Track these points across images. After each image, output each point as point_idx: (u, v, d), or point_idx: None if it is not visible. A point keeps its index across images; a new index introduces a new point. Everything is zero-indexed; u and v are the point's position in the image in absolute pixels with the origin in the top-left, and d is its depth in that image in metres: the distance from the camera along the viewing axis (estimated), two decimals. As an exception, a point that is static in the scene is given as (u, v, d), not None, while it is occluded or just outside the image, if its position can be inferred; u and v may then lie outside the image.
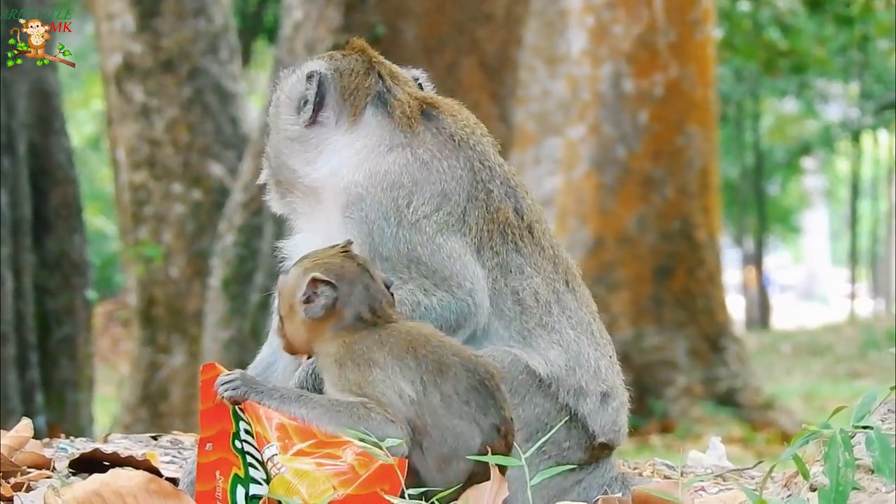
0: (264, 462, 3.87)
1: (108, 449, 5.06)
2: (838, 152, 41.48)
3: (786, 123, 41.90)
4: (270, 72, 15.95)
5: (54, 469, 4.84)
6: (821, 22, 29.17)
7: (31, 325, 12.29)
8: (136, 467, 4.62)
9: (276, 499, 3.80)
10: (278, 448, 3.83)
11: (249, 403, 3.91)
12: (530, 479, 3.97)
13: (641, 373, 18.24)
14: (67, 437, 5.87)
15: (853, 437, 3.62)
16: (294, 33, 13.36)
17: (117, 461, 4.81)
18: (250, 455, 3.94)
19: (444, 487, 3.91)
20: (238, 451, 3.95)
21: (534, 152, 20.29)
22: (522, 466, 3.94)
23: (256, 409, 3.89)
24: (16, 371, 11.67)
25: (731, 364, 19.02)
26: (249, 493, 3.93)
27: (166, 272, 16.86)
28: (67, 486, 4.12)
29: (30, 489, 4.44)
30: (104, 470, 4.40)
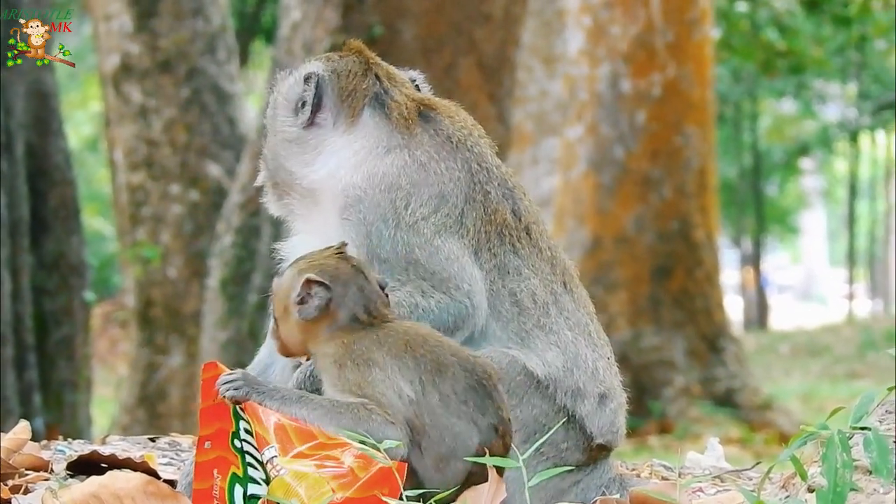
0: (264, 463, 3.87)
1: (105, 451, 5.06)
2: (836, 153, 41.49)
3: (784, 124, 41.92)
4: (268, 72, 15.95)
5: (52, 471, 4.84)
6: (819, 22, 29.18)
7: (29, 327, 12.28)
8: (134, 469, 4.62)
9: (275, 501, 3.80)
10: (278, 449, 3.83)
11: (250, 404, 3.91)
12: (528, 481, 3.97)
13: (639, 373, 18.25)
14: (65, 439, 5.87)
15: (851, 438, 3.63)
16: (292, 34, 13.36)
17: (115, 463, 4.81)
18: (250, 455, 3.93)
19: (442, 487, 3.91)
20: (237, 451, 3.95)
21: (531, 153, 20.29)
22: (520, 467, 3.94)
23: (256, 409, 3.90)
24: (14, 372, 11.66)
25: (729, 365, 19.02)
26: (248, 493, 3.92)
27: (164, 273, 16.86)
28: (65, 489, 4.12)
29: (28, 491, 4.44)
30: (102, 472, 4.40)
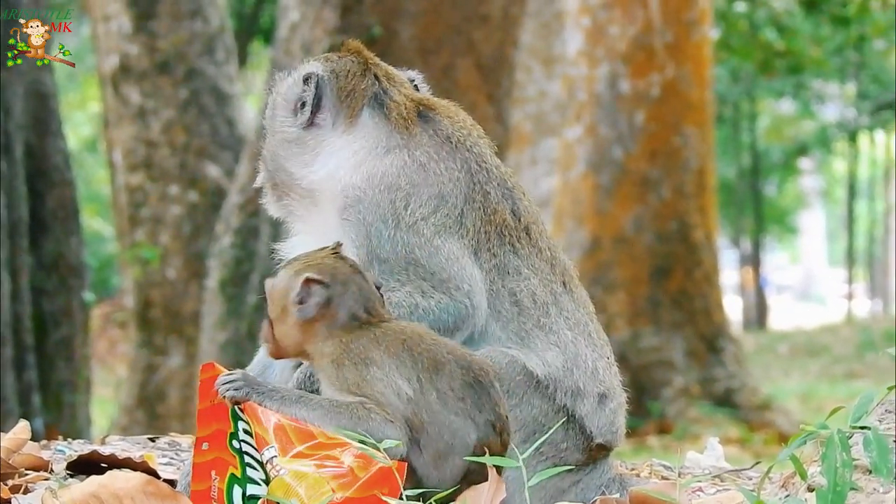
0: (264, 463, 3.87)
1: (105, 451, 5.06)
2: (835, 153, 41.52)
3: (782, 124, 41.94)
4: (267, 73, 15.95)
5: (52, 471, 4.84)
6: (817, 22, 29.20)
7: (29, 327, 12.27)
8: (134, 469, 4.62)
9: (275, 500, 3.80)
10: (277, 450, 3.83)
11: (249, 404, 3.91)
12: (528, 480, 3.97)
13: (639, 373, 18.25)
14: (65, 439, 5.87)
15: (851, 438, 3.63)
16: (290, 34, 13.36)
17: (115, 463, 4.81)
18: (248, 455, 3.93)
19: (440, 484, 3.91)
20: (235, 451, 3.95)
21: (530, 153, 20.30)
22: (520, 467, 3.94)
23: (256, 410, 3.90)
24: (13, 373, 11.65)
25: (728, 365, 19.02)
26: (247, 494, 3.92)
27: (163, 274, 16.86)
28: (65, 488, 4.12)
29: (27, 491, 4.44)
30: (102, 472, 4.40)
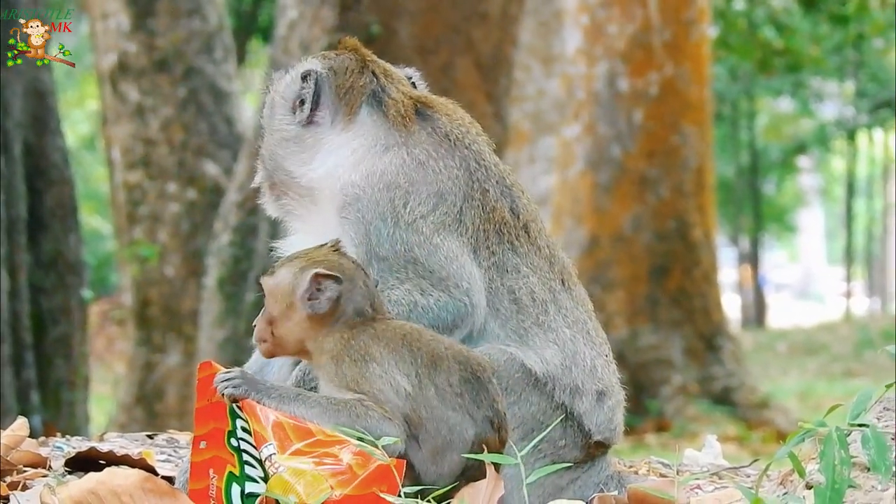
0: (262, 461, 3.87)
1: (103, 448, 5.06)
2: (833, 151, 41.54)
3: (781, 122, 41.95)
4: (265, 72, 15.94)
5: (50, 468, 4.83)
6: (816, 21, 29.21)
7: (27, 325, 12.27)
8: (132, 466, 4.62)
9: (274, 498, 3.80)
10: (276, 447, 3.83)
11: (248, 402, 3.91)
12: (526, 477, 3.97)
13: (637, 372, 18.25)
14: (63, 436, 5.86)
15: (849, 435, 3.63)
16: (289, 33, 13.35)
17: (113, 460, 4.81)
18: (247, 453, 3.93)
19: (438, 480, 3.91)
20: (233, 450, 3.95)
21: (529, 151, 20.29)
22: (518, 464, 3.94)
23: (254, 407, 3.89)
24: (11, 370, 11.65)
25: (726, 363, 19.03)
26: (245, 492, 3.92)
27: (161, 272, 16.85)
28: (63, 485, 4.12)
29: (26, 488, 4.43)
30: (100, 469, 4.40)
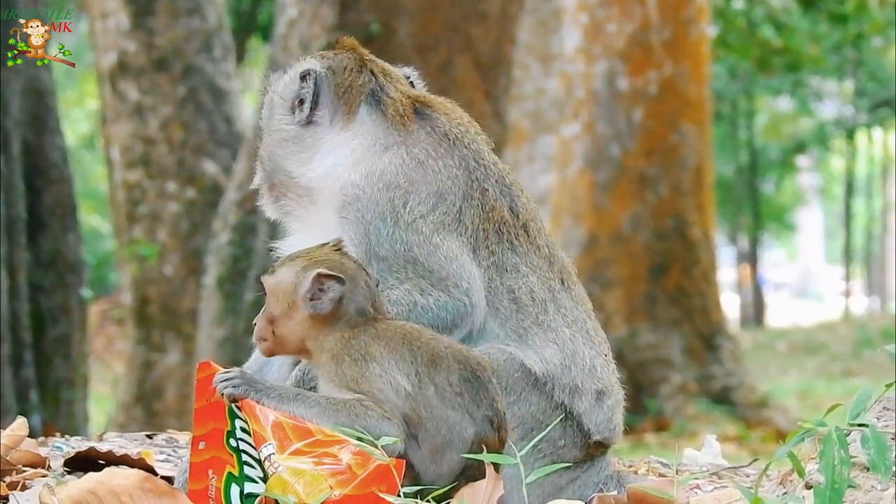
0: (261, 461, 3.87)
1: (103, 447, 5.06)
2: (833, 150, 41.55)
3: (780, 121, 41.96)
4: (264, 71, 15.94)
5: (49, 468, 4.83)
6: (815, 20, 29.21)
7: (26, 324, 12.26)
8: (132, 466, 4.62)
9: (273, 497, 3.80)
10: (275, 447, 3.83)
11: (247, 402, 3.91)
12: (525, 477, 3.97)
13: (636, 371, 18.24)
14: (63, 436, 5.86)
15: (849, 435, 3.63)
16: (288, 31, 13.35)
17: (112, 460, 4.80)
18: (246, 453, 3.93)
19: (438, 480, 3.91)
20: (232, 450, 3.95)
21: (528, 150, 20.29)
22: (518, 464, 3.94)
23: (254, 407, 3.89)
24: (11, 370, 11.65)
25: (725, 362, 19.02)
26: (244, 492, 3.92)
27: (161, 271, 16.85)
28: (63, 485, 4.12)
29: (25, 488, 4.43)
30: (99, 468, 4.40)
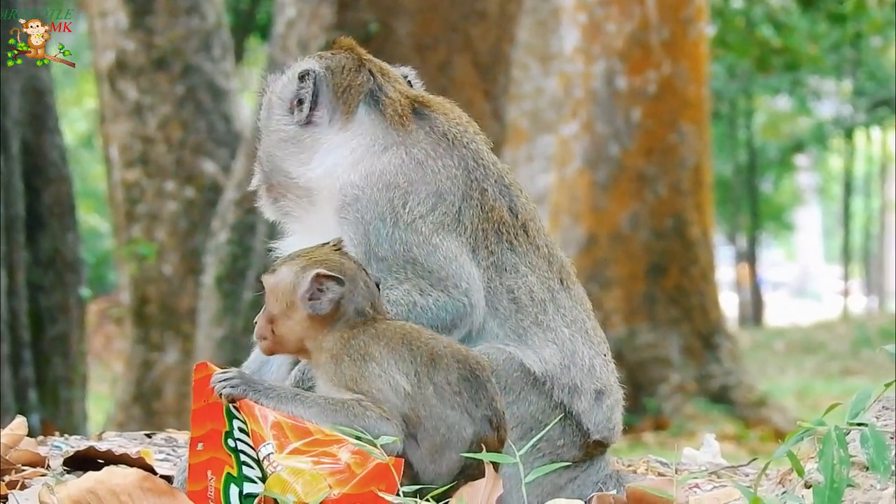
0: (260, 460, 3.87)
1: (102, 447, 5.06)
2: (831, 149, 41.54)
3: (779, 121, 41.95)
4: (262, 70, 15.93)
5: (49, 467, 4.83)
6: (813, 19, 29.20)
7: (25, 323, 12.26)
8: (131, 465, 4.62)
9: (272, 497, 3.80)
10: (274, 446, 3.83)
11: (246, 402, 3.91)
12: (525, 477, 3.97)
13: (635, 370, 18.24)
14: (62, 435, 5.86)
15: (848, 434, 3.63)
16: (287, 31, 13.35)
17: (112, 459, 4.80)
18: (244, 454, 3.93)
19: (437, 479, 3.91)
20: (231, 450, 3.95)
21: (527, 150, 20.29)
22: (517, 464, 3.94)
23: (252, 407, 3.89)
24: (9, 369, 11.65)
25: (724, 361, 19.02)
26: (243, 492, 3.92)
27: (159, 270, 16.84)
28: (62, 484, 4.12)
29: (24, 487, 4.43)
30: (99, 468, 4.40)
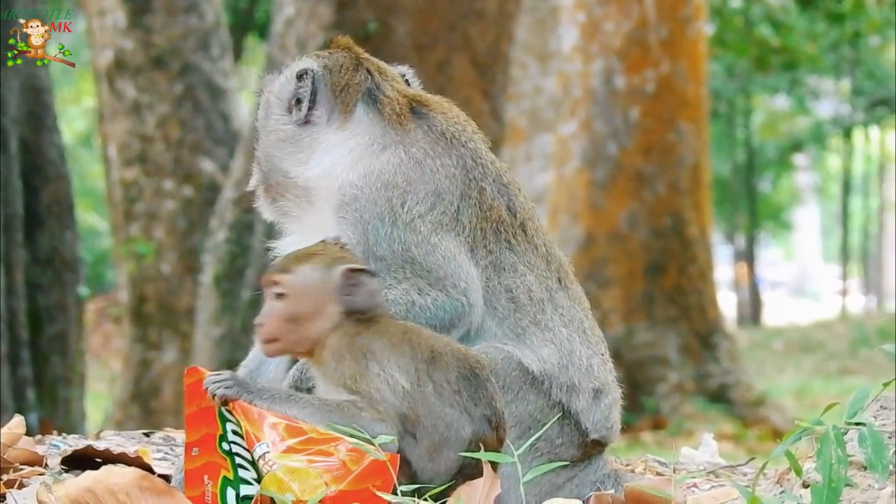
0: (255, 461, 3.87)
1: (100, 446, 5.06)
2: (830, 149, 41.56)
3: (777, 120, 41.95)
4: (261, 70, 15.93)
5: (47, 466, 4.83)
6: (812, 18, 29.21)
7: (23, 322, 12.25)
8: (129, 464, 4.62)
9: (269, 496, 3.80)
10: (270, 445, 3.82)
11: (240, 403, 3.90)
12: (523, 476, 3.97)
13: (633, 369, 18.24)
14: (59, 434, 5.86)
15: (846, 434, 3.63)
16: (286, 29, 13.35)
17: (110, 458, 4.80)
18: (239, 456, 3.93)
19: (435, 478, 3.91)
20: (226, 453, 3.94)
21: (525, 149, 20.29)
22: (515, 463, 3.94)
23: (247, 408, 3.89)
24: (8, 368, 11.65)
25: (722, 361, 19.02)
26: (240, 495, 3.92)
27: (158, 269, 16.84)
28: (60, 483, 4.12)
29: (22, 486, 4.43)
30: (96, 467, 4.40)
